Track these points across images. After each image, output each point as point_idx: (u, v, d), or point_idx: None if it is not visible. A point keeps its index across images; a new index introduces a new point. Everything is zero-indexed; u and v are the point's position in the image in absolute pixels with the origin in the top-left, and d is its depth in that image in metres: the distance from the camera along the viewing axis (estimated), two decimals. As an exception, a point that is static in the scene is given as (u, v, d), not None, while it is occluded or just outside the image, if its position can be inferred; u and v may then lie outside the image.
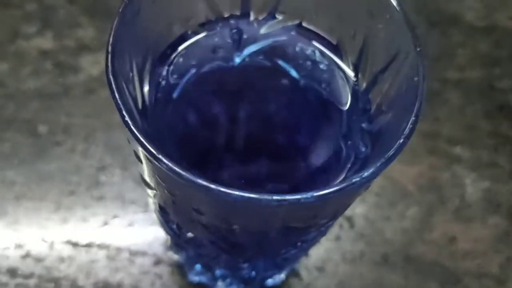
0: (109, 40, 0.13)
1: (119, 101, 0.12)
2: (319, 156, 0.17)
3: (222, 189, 0.11)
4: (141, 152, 0.12)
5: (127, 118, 0.12)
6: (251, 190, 0.12)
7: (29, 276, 0.26)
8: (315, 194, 0.12)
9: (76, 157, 0.29)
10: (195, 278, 0.25)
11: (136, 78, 0.15)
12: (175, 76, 0.18)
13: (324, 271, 0.27)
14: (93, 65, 0.31)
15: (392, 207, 0.29)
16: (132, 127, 0.12)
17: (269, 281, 0.24)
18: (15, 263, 0.26)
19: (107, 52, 0.13)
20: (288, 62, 0.18)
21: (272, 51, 0.18)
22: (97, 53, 0.32)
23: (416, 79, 0.13)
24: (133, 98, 0.15)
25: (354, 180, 0.11)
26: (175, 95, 0.18)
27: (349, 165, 0.17)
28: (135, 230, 0.27)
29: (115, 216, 0.27)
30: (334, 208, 0.14)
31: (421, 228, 0.29)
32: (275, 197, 0.11)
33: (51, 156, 0.29)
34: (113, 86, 0.12)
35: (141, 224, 0.27)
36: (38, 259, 0.26)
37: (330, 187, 0.12)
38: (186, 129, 0.18)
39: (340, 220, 0.28)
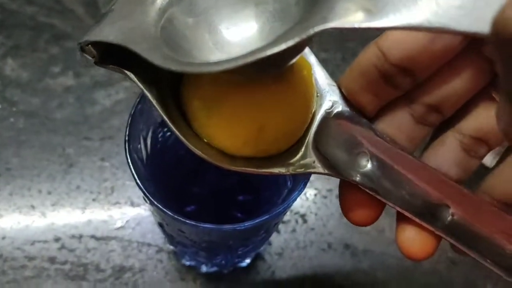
0: (126, 131, 0.22)
1: (133, 172, 0.21)
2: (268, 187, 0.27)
3: (193, 222, 0.20)
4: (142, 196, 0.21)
5: (138, 182, 0.21)
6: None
7: (64, 262, 0.35)
8: (246, 224, 0.21)
9: (96, 172, 0.38)
10: (186, 263, 0.35)
11: (142, 146, 0.24)
12: (168, 133, 0.27)
13: (282, 255, 0.37)
14: (106, 98, 0.40)
15: (336, 207, 0.38)
16: (142, 187, 0.21)
17: (239, 264, 0.34)
18: (54, 253, 0.36)
19: (125, 140, 0.21)
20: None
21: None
22: (108, 88, 0.40)
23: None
24: (140, 159, 0.24)
25: (265, 217, 0.20)
26: (169, 142, 0.27)
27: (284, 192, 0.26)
28: (142, 227, 0.36)
29: (127, 217, 0.37)
30: (265, 227, 0.23)
31: (357, 222, 0.38)
32: (223, 226, 0.20)
33: (77, 172, 0.38)
34: (130, 163, 0.21)
35: (147, 223, 0.36)
36: (71, 250, 0.36)
37: (254, 220, 0.21)
38: (176, 167, 0.27)
39: (296, 217, 0.38)
